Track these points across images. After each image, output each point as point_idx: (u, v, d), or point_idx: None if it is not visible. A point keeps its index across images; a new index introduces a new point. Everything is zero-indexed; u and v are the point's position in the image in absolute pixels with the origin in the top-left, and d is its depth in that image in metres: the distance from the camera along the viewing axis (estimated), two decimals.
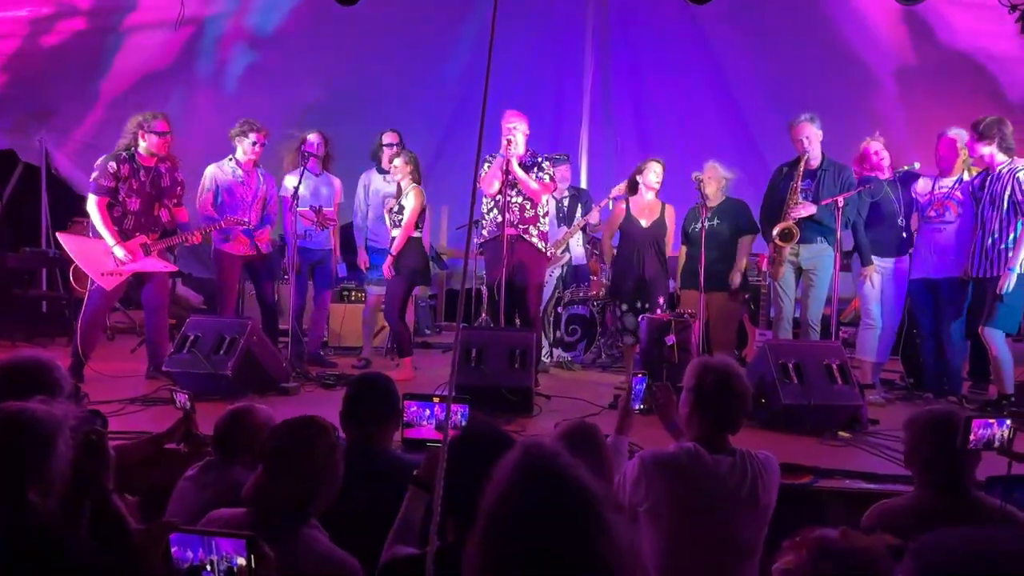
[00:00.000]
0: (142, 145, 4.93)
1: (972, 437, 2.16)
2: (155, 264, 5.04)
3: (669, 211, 5.44)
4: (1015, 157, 4.64)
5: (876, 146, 5.14)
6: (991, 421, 2.21)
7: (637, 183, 5.41)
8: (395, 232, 5.35)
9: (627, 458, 2.66)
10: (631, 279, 5.37)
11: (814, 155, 5.05)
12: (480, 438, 1.94)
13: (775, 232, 4.99)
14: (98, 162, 4.93)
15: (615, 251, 5.61)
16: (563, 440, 2.30)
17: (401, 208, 5.31)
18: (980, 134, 4.66)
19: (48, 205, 7.47)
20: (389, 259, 5.34)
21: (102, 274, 4.87)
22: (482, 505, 1.34)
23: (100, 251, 4.89)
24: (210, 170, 5.42)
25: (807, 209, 4.95)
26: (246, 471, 2.34)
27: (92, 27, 6.44)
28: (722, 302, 5.48)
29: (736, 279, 5.46)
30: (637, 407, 2.87)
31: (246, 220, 5.26)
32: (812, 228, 5.03)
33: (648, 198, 5.41)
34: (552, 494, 1.30)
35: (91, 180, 4.93)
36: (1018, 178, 4.55)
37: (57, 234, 5.17)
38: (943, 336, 4.96)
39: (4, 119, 7.21)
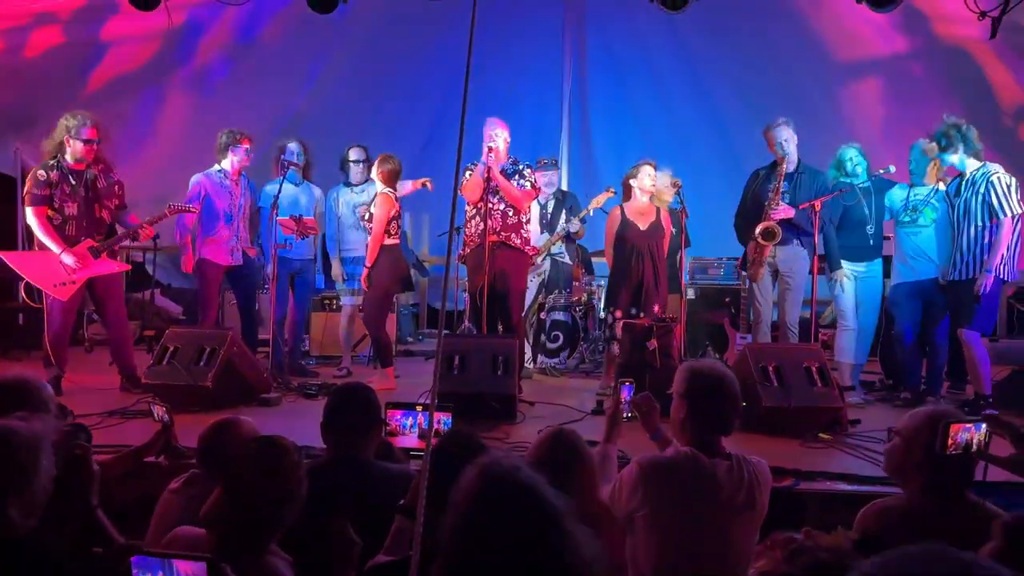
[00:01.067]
0: (67, 151, 4.85)
1: (950, 442, 2.18)
2: (107, 266, 4.96)
3: (664, 214, 5.36)
4: (986, 161, 4.71)
5: (850, 153, 5.18)
6: (968, 425, 2.23)
7: (631, 187, 5.36)
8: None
9: (617, 466, 2.65)
10: (627, 286, 5.22)
11: (791, 159, 5.12)
12: (453, 448, 1.93)
13: (757, 231, 5.04)
14: (30, 174, 4.88)
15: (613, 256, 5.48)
16: (542, 448, 2.30)
17: (372, 217, 5.30)
18: (941, 145, 4.72)
19: (23, 216, 7.38)
20: (365, 271, 5.30)
21: (55, 285, 4.78)
22: (445, 522, 1.35)
23: (49, 263, 4.79)
24: (197, 178, 5.38)
25: (787, 212, 5.03)
26: None
27: (71, 38, 6.38)
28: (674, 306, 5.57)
29: None
30: (626, 415, 2.86)
31: (191, 207, 5.19)
32: (789, 230, 5.11)
33: (643, 201, 5.31)
34: (512, 510, 1.31)
35: (25, 192, 4.86)
36: (991, 182, 4.61)
37: (0, 253, 5.05)
38: (928, 338, 5.02)
39: None
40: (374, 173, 5.35)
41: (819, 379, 4.23)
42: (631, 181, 5.34)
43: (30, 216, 4.81)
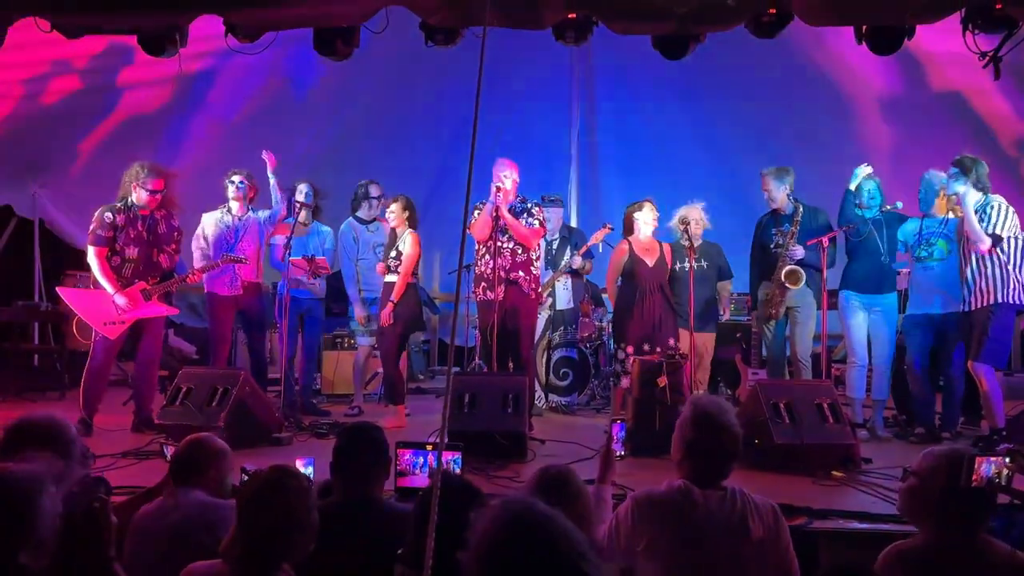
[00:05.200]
0: (133, 197, 5.01)
1: (975, 476, 2.17)
2: (156, 309, 5.08)
3: (667, 249, 5.47)
4: (989, 194, 4.73)
5: (870, 185, 5.23)
6: (993, 459, 2.23)
7: (634, 222, 5.43)
8: (391, 278, 5.36)
9: (611, 506, 2.64)
10: (637, 322, 5.28)
11: (780, 205, 5.32)
12: (446, 491, 1.95)
13: (783, 274, 5.14)
14: (96, 214, 5.01)
15: (618, 292, 5.55)
16: (537, 486, 2.30)
17: (399, 254, 5.35)
18: (957, 173, 4.77)
19: (40, 259, 7.51)
20: (389, 307, 5.32)
21: (104, 324, 4.91)
22: (464, 562, 1.34)
23: (101, 301, 4.93)
24: (204, 217, 5.51)
25: (800, 252, 5.17)
26: (208, 493, 2.49)
27: (88, 85, 6.53)
28: (704, 342, 5.54)
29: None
30: (619, 453, 2.84)
31: (243, 258, 5.31)
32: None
33: (646, 235, 5.42)
34: (536, 548, 1.30)
35: (89, 232, 5.00)
36: (986, 210, 4.64)
37: (57, 289, 5.24)
38: (943, 372, 5.00)
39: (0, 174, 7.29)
40: (398, 216, 5.39)
41: (831, 416, 4.21)
42: (635, 215, 5.40)
43: (91, 255, 4.96)
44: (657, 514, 2.28)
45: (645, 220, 5.39)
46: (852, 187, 5.16)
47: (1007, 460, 2.27)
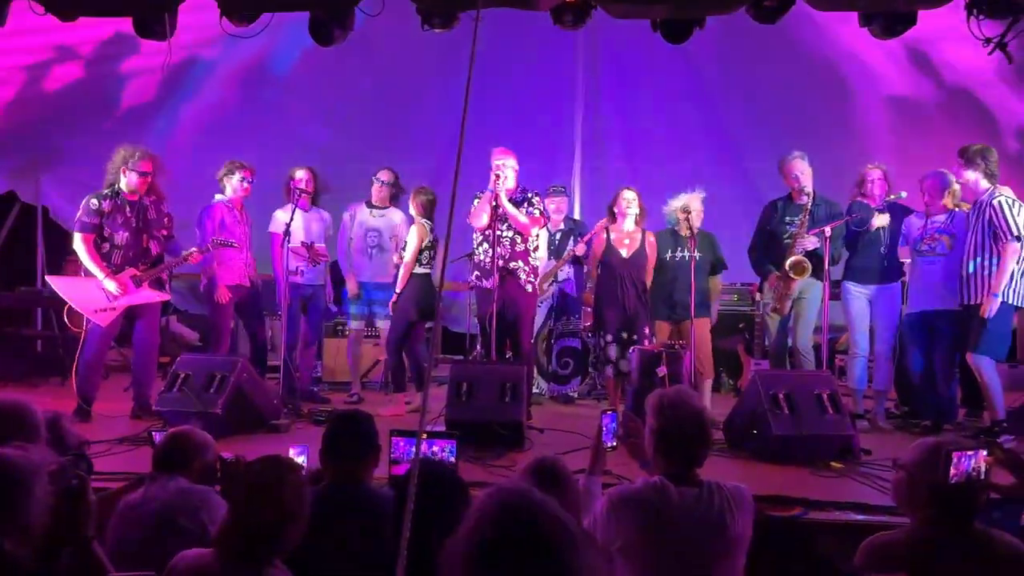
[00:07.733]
0: (123, 181, 4.97)
1: (953, 471, 2.15)
2: (148, 295, 5.05)
3: (650, 239, 5.31)
4: (996, 185, 4.67)
5: (875, 175, 5.18)
6: (970, 453, 2.20)
7: (615, 212, 5.39)
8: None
9: (599, 498, 2.62)
10: (613, 310, 5.23)
11: (806, 191, 5.12)
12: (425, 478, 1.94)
13: (787, 265, 5.04)
14: (83, 201, 4.98)
15: (597, 279, 5.50)
16: (529, 476, 2.28)
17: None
18: (966, 161, 4.71)
19: (44, 245, 7.52)
20: (394, 296, 5.43)
21: (96, 311, 4.89)
22: (455, 547, 1.32)
23: (92, 289, 4.91)
24: (212, 207, 5.48)
25: (812, 243, 5.05)
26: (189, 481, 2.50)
27: (92, 72, 6.52)
28: (697, 329, 5.28)
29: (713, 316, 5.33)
30: (609, 445, 2.83)
31: (233, 241, 5.29)
32: (810, 259, 5.10)
33: (628, 227, 5.31)
34: (528, 533, 1.28)
35: (76, 219, 4.98)
36: (993, 205, 4.59)
37: (47, 278, 5.20)
38: (934, 366, 4.95)
39: (6, 161, 7.30)
40: (409, 206, 5.49)
41: (830, 406, 4.18)
42: (614, 208, 5.33)
43: (78, 242, 4.93)
44: (631, 513, 2.24)
45: (618, 210, 5.30)
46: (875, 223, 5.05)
47: (985, 453, 2.25)
